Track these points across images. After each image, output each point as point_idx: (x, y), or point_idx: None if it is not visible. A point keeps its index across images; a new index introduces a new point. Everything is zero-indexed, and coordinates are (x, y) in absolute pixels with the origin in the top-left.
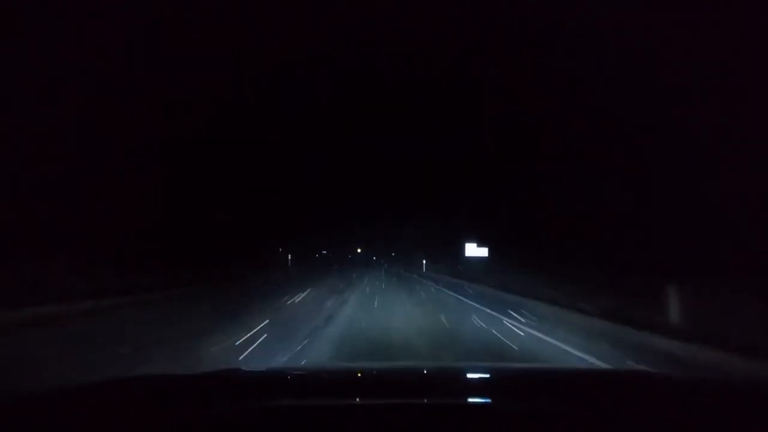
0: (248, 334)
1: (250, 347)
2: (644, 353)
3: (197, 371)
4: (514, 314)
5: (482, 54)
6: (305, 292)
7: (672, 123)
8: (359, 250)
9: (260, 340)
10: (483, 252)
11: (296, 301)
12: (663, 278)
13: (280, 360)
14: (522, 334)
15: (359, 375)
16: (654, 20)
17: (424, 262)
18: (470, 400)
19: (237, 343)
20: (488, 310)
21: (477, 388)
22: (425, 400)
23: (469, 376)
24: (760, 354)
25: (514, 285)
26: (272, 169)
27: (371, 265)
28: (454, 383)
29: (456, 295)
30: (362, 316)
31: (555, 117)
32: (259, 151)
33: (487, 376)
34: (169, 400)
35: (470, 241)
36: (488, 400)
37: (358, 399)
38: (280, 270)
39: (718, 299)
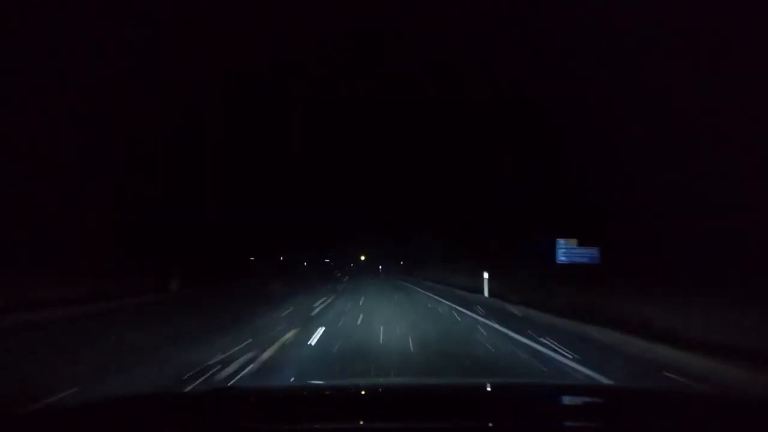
0: None
1: None
2: None
3: (190, 389)
4: None
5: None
6: None
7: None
8: (363, 258)
9: None
10: (590, 254)
11: None
12: None
13: None
14: None
15: (366, 394)
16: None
17: (485, 276)
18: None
19: None
20: None
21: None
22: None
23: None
24: None
25: None
26: (272, 170)
27: (373, 282)
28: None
29: None
30: None
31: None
32: (258, 152)
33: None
34: (159, 421)
35: (564, 236)
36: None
37: (374, 423)
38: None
39: None
